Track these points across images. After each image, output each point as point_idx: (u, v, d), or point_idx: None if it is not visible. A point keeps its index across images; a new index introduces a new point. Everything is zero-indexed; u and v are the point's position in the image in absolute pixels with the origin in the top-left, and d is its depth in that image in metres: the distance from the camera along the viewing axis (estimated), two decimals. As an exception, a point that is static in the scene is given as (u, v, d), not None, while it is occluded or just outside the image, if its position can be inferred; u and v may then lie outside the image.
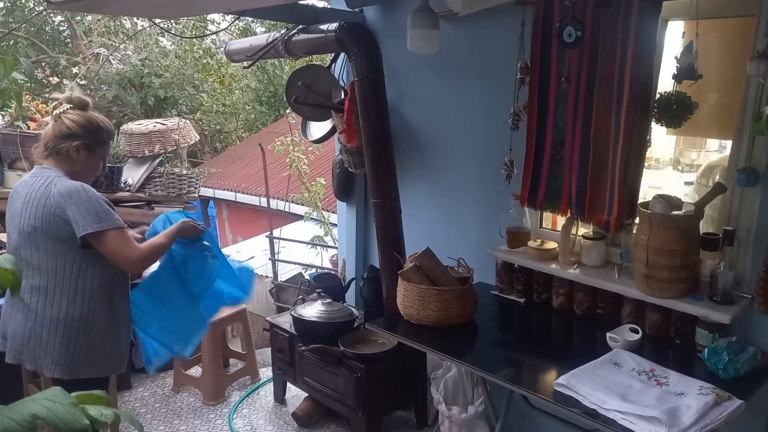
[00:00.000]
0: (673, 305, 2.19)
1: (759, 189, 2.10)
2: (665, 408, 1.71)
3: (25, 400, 0.83)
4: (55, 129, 2.11)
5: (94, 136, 2.15)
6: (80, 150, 2.12)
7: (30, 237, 2.07)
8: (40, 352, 2.11)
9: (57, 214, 2.01)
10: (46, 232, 2.04)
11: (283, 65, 11.17)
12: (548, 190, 2.49)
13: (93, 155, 2.17)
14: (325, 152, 6.41)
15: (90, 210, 2.01)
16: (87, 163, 2.16)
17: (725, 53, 2.38)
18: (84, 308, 2.10)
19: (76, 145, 2.10)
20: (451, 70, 3.00)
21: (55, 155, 2.12)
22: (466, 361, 2.25)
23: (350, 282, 3.59)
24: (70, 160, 2.12)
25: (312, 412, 3.29)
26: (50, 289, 2.08)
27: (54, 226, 2.03)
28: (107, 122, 2.23)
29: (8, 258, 0.89)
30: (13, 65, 1.50)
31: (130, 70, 10.13)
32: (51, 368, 2.11)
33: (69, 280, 2.08)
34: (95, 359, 2.15)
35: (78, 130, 2.11)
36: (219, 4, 2.88)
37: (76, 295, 2.09)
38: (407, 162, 3.24)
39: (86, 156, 2.14)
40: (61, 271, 2.08)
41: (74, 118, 2.12)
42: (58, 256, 2.07)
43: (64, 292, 2.08)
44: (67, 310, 2.08)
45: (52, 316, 2.08)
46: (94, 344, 2.14)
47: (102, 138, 2.19)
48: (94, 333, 2.13)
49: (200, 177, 4.97)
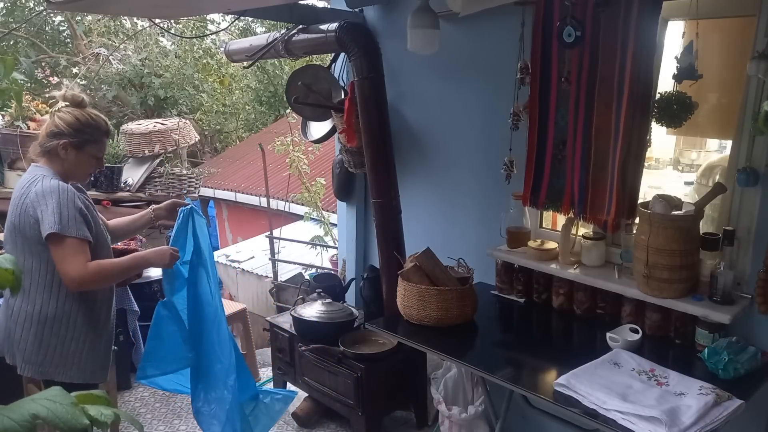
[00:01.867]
0: (673, 305, 2.19)
1: (759, 189, 2.10)
2: (665, 408, 1.71)
3: (25, 400, 0.83)
4: (47, 127, 2.10)
5: (81, 134, 2.10)
6: (68, 148, 2.08)
7: (11, 234, 2.08)
8: (14, 350, 2.11)
9: (29, 212, 2.00)
10: (21, 230, 2.03)
11: (283, 65, 11.17)
12: (551, 189, 2.49)
13: (82, 153, 2.12)
14: (325, 152, 6.41)
15: (56, 212, 1.97)
16: (76, 161, 2.11)
17: (725, 53, 2.38)
18: (58, 308, 2.07)
19: (63, 143, 2.07)
20: (451, 70, 3.00)
21: (47, 154, 2.10)
22: (466, 361, 2.25)
23: (350, 282, 3.59)
24: (59, 158, 2.09)
25: (312, 412, 3.30)
26: (26, 287, 2.05)
27: (27, 225, 2.01)
28: (100, 119, 2.17)
29: (8, 258, 0.89)
30: (13, 65, 1.49)
31: (130, 70, 10.13)
32: (22, 366, 2.10)
33: (44, 279, 2.05)
34: (70, 362, 2.11)
35: (65, 128, 2.07)
36: (219, 4, 2.88)
37: (51, 294, 2.06)
38: (407, 162, 3.24)
39: (75, 154, 2.10)
40: (36, 270, 2.05)
41: (64, 116, 2.09)
42: (34, 255, 2.04)
43: (39, 290, 2.06)
44: (41, 309, 2.06)
45: (27, 312, 2.07)
46: (69, 347, 2.10)
47: (91, 136, 2.13)
48: (69, 334, 2.09)
49: (200, 177, 4.97)
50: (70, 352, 2.10)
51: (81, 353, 2.13)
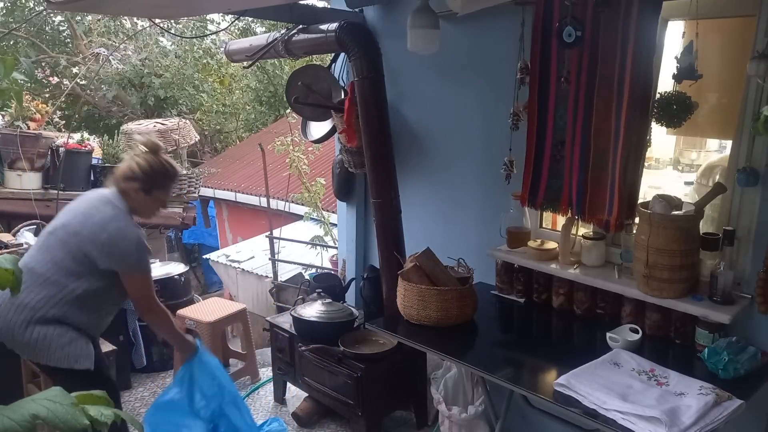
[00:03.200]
0: (673, 305, 2.19)
1: (759, 189, 2.10)
2: (665, 408, 1.71)
3: (25, 400, 0.83)
4: (123, 169, 2.35)
5: (152, 180, 2.35)
6: (138, 192, 2.34)
7: (67, 236, 2.26)
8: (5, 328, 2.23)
9: (103, 241, 2.23)
10: (83, 246, 2.23)
11: (283, 65, 11.16)
12: (549, 189, 2.49)
13: (150, 197, 2.37)
14: (325, 152, 6.41)
15: (134, 256, 2.26)
16: (144, 203, 2.37)
17: (725, 53, 2.38)
18: (58, 311, 2.21)
19: (135, 187, 2.33)
20: (451, 70, 3.00)
21: (121, 191, 2.35)
22: (466, 361, 2.25)
23: (350, 282, 3.59)
24: (130, 197, 2.34)
25: (312, 412, 3.29)
26: (45, 278, 2.23)
27: (95, 247, 2.23)
28: (170, 167, 2.43)
29: (8, 258, 0.89)
30: (13, 65, 1.49)
31: (130, 70, 10.13)
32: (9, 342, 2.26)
33: (66, 283, 2.23)
34: (53, 347, 2.22)
35: (140, 174, 2.33)
36: (219, 4, 2.88)
37: (60, 293, 2.21)
38: (407, 162, 3.24)
39: (143, 197, 2.35)
40: (68, 273, 2.23)
41: (140, 161, 2.35)
42: (77, 263, 2.23)
43: (53, 287, 2.22)
44: (41, 300, 2.20)
45: (25, 300, 2.20)
46: (51, 334, 2.21)
47: (160, 183, 2.39)
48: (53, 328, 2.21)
49: (200, 177, 4.97)
50: (50, 338, 2.22)
51: (60, 340, 2.23)
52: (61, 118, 8.51)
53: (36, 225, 4.01)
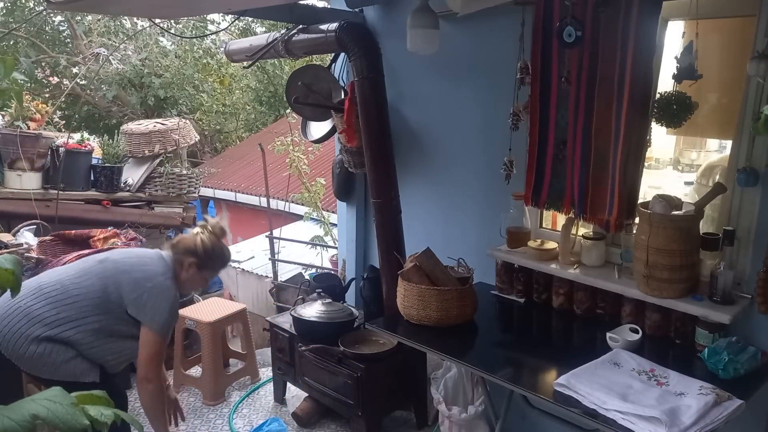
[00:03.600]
0: (673, 305, 2.19)
1: (759, 189, 2.10)
2: (665, 408, 1.71)
3: (25, 400, 0.83)
4: (187, 243, 2.47)
5: (208, 261, 2.48)
6: (192, 266, 2.46)
7: (112, 272, 2.33)
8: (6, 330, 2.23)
9: (143, 290, 2.30)
10: (122, 286, 2.30)
11: (283, 65, 11.17)
12: (552, 189, 2.49)
13: (199, 275, 2.49)
14: (325, 152, 6.41)
15: (164, 314, 2.32)
16: (192, 277, 2.48)
17: (725, 53, 2.38)
18: (69, 331, 2.22)
19: (191, 261, 2.45)
20: (451, 70, 3.00)
21: (177, 260, 2.46)
22: (466, 361, 2.25)
23: (350, 282, 3.58)
24: (181, 268, 2.45)
25: (312, 412, 3.29)
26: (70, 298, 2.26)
27: (131, 290, 2.30)
28: (227, 254, 2.58)
29: (8, 258, 0.89)
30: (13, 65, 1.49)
31: (130, 70, 10.13)
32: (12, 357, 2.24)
33: (87, 310, 2.26)
34: (51, 365, 2.23)
35: (201, 251, 2.45)
36: (219, 4, 2.88)
37: (77, 319, 2.24)
38: (407, 162, 3.24)
39: (194, 272, 2.47)
40: (92, 302, 2.28)
41: (205, 240, 2.47)
42: (107, 300, 2.29)
43: (74, 309, 2.24)
44: (56, 319, 2.22)
45: (40, 313, 2.21)
46: (51, 353, 2.21)
47: (213, 265, 2.53)
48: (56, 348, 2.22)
49: (200, 177, 4.97)
50: (56, 363, 2.23)
51: (67, 361, 2.25)
52: (61, 118, 8.50)
53: (36, 225, 4.01)
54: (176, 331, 3.67)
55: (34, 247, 3.51)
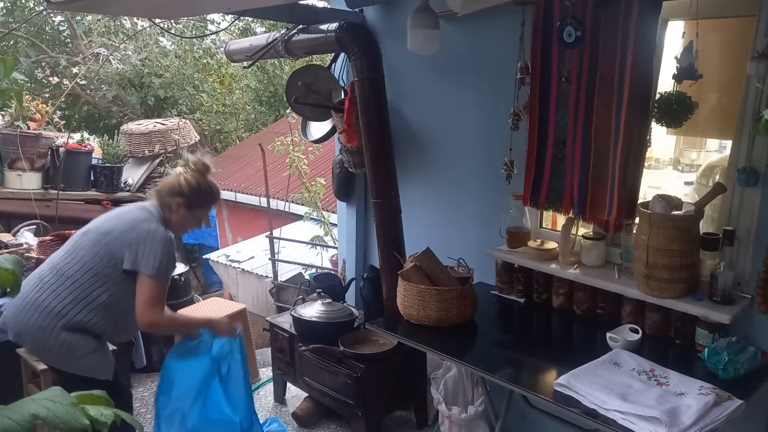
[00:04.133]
0: (673, 305, 2.19)
1: (759, 189, 2.10)
2: (665, 408, 1.71)
3: (25, 400, 0.83)
4: (171, 184, 2.39)
5: (197, 198, 2.40)
6: (181, 207, 2.37)
7: (98, 236, 2.27)
8: (23, 329, 2.22)
9: (131, 241, 2.23)
10: (111, 244, 2.24)
11: (283, 65, 11.16)
12: (551, 189, 2.49)
13: (190, 213, 2.41)
14: (325, 152, 6.41)
15: (158, 257, 2.23)
16: (183, 218, 2.40)
17: (725, 53, 2.38)
18: (83, 316, 2.20)
19: (179, 202, 2.36)
20: (451, 70, 3.00)
21: (162, 204, 2.38)
22: (466, 361, 2.25)
23: (350, 282, 3.58)
24: (170, 211, 2.38)
25: (312, 412, 3.29)
26: (72, 280, 2.21)
27: (122, 246, 2.23)
28: (215, 189, 2.47)
29: (8, 258, 0.89)
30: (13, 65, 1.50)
31: (130, 70, 10.13)
32: (30, 346, 2.27)
33: (91, 285, 2.21)
34: (74, 357, 2.21)
35: (187, 190, 2.37)
36: (219, 4, 2.88)
37: (85, 300, 2.20)
38: (407, 162, 3.24)
39: (184, 212, 2.39)
40: (93, 273, 2.22)
41: (189, 179, 2.38)
42: (103, 264, 2.23)
43: (78, 290, 2.20)
44: (66, 308, 2.18)
45: (49, 303, 2.19)
46: (75, 345, 2.20)
47: (203, 202, 2.43)
48: (78, 336, 2.20)
49: (200, 177, 4.94)
50: (75, 349, 2.20)
51: (84, 350, 2.22)
52: (61, 118, 8.51)
53: (36, 225, 4.01)
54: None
55: (34, 247, 3.51)
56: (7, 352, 3.19)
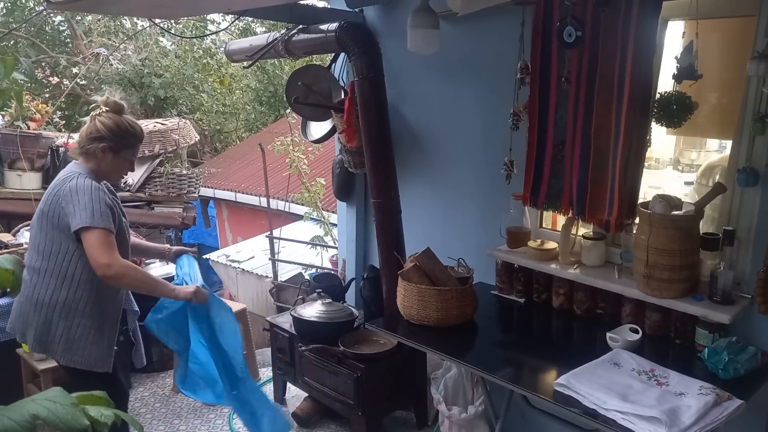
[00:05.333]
0: (673, 305, 2.19)
1: (759, 189, 2.10)
2: (665, 408, 1.71)
3: (25, 401, 0.83)
4: (88, 130, 2.26)
5: (120, 139, 2.26)
6: (105, 151, 2.24)
7: (38, 220, 2.23)
8: (27, 328, 2.25)
9: (61, 204, 2.14)
10: (50, 218, 2.18)
11: (283, 65, 11.16)
12: (550, 189, 2.49)
13: (118, 157, 2.28)
14: (325, 152, 6.41)
15: (87, 207, 2.11)
16: (112, 163, 2.28)
17: (725, 53, 2.38)
18: (68, 294, 2.20)
19: (102, 146, 2.23)
20: (451, 70, 3.00)
21: (85, 154, 2.26)
22: (466, 361, 2.25)
23: (350, 282, 3.59)
24: (96, 159, 2.25)
25: (312, 412, 3.30)
26: (42, 271, 2.21)
27: (56, 215, 2.16)
28: (137, 126, 2.34)
29: (8, 258, 0.90)
30: (13, 65, 1.50)
31: (130, 70, 10.13)
32: (33, 344, 2.25)
33: (60, 266, 2.19)
34: (75, 348, 2.22)
35: (106, 132, 2.24)
36: (219, 4, 2.88)
37: (64, 280, 2.19)
38: (407, 162, 3.24)
39: (111, 157, 2.26)
40: (54, 256, 2.19)
41: (105, 121, 2.25)
42: (54, 242, 2.19)
43: (54, 275, 2.20)
44: (53, 294, 2.20)
45: (39, 296, 2.21)
46: (75, 332, 2.21)
47: (128, 141, 2.29)
48: (75, 320, 2.21)
49: (200, 177, 4.97)
50: (75, 339, 2.22)
51: (85, 340, 2.23)
52: (61, 118, 8.51)
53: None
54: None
55: (34, 247, 3.50)
56: (7, 352, 3.20)
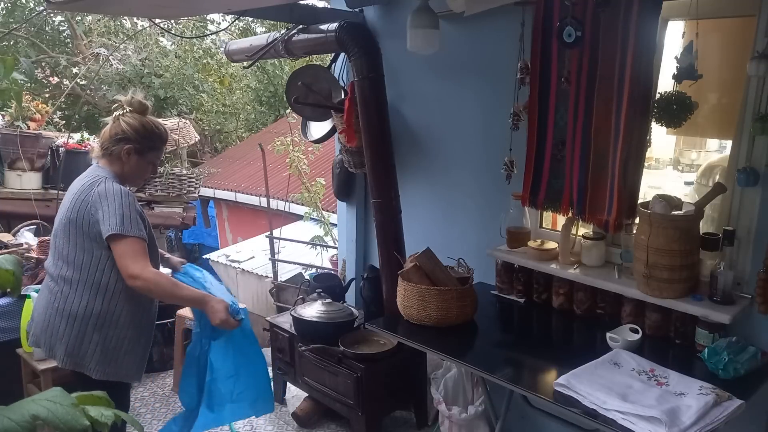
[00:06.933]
0: (673, 305, 2.19)
1: (759, 189, 2.10)
2: (665, 408, 1.71)
3: (26, 401, 0.83)
4: (111, 131, 2.18)
5: (146, 140, 2.20)
6: (131, 153, 2.18)
7: (64, 228, 2.13)
8: (56, 341, 2.13)
9: (90, 211, 2.07)
10: (79, 226, 2.09)
11: (283, 65, 11.17)
12: (549, 189, 2.50)
13: (143, 159, 2.22)
14: (325, 152, 6.41)
15: (118, 214, 2.04)
16: (137, 166, 2.21)
17: (725, 53, 2.38)
18: (103, 305, 2.11)
19: (128, 148, 2.16)
20: (451, 70, 3.00)
21: (108, 156, 2.19)
22: (466, 361, 2.25)
23: (350, 282, 3.58)
24: (120, 161, 2.18)
25: (312, 412, 3.29)
26: (74, 281, 2.10)
27: (86, 222, 2.07)
28: (162, 127, 2.27)
29: (8, 258, 0.90)
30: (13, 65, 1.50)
31: (130, 70, 10.13)
32: (63, 359, 2.13)
33: (93, 276, 2.10)
34: (109, 359, 2.13)
35: (131, 133, 2.17)
36: (219, 4, 2.88)
37: (98, 291, 2.10)
38: (407, 162, 3.24)
39: (136, 159, 2.20)
40: (86, 266, 2.10)
41: (130, 121, 2.18)
42: (86, 251, 2.10)
43: (87, 286, 2.10)
44: (87, 305, 2.10)
45: (72, 308, 2.10)
46: (110, 344, 2.12)
47: (153, 143, 2.24)
48: (111, 332, 2.12)
49: (200, 177, 4.97)
50: (110, 349, 2.13)
51: (120, 351, 2.15)
52: (61, 118, 8.51)
53: (36, 225, 4.01)
54: (176, 332, 3.67)
55: (34, 247, 3.51)
56: (7, 352, 3.19)
